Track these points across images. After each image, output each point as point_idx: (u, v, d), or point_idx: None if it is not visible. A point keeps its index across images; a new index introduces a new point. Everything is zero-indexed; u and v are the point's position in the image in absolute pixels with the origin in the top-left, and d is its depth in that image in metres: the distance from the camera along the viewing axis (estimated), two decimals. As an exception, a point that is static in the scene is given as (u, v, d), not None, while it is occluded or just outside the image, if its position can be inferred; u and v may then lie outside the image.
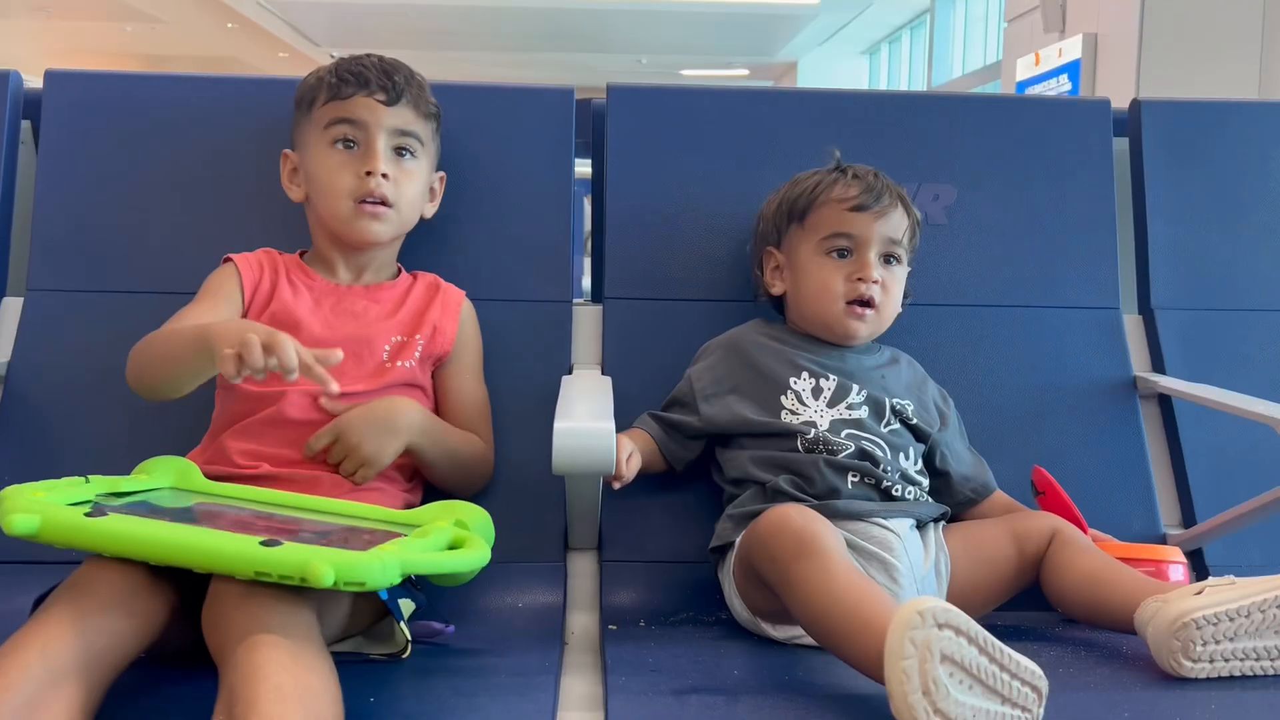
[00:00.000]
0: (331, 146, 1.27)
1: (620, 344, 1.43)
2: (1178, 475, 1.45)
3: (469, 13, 11.52)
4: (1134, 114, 1.59)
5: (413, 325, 1.30)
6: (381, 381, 1.24)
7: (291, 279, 1.29)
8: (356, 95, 1.26)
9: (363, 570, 0.88)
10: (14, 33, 12.75)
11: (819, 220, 1.30)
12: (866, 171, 1.33)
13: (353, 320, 1.27)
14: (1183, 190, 1.57)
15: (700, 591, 1.27)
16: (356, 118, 1.26)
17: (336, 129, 1.27)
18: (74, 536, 0.94)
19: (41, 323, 1.40)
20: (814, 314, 1.30)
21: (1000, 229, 1.51)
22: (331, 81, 1.27)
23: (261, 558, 0.88)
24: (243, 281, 1.26)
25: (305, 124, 1.29)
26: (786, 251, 1.33)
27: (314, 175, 1.28)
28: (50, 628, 0.88)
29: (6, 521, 0.91)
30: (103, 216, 1.43)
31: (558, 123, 1.50)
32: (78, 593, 0.92)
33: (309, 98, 1.29)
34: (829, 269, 1.29)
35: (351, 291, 1.30)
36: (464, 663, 1.10)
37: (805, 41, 13.37)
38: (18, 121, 1.49)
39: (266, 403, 1.20)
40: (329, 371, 1.03)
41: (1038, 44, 6.67)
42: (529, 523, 1.33)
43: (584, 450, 1.04)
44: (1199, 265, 1.55)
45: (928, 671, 0.86)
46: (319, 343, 1.17)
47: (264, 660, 0.84)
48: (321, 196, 1.28)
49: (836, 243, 1.29)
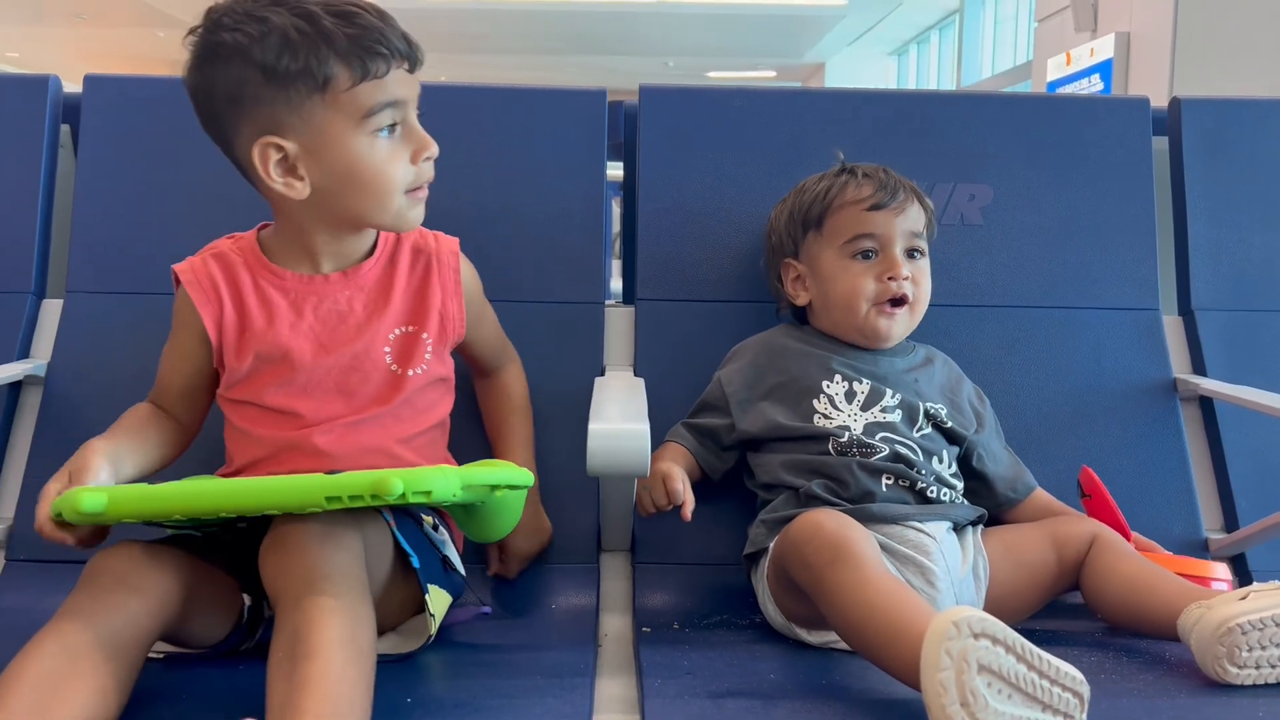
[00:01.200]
0: (375, 135, 1.07)
1: (653, 345, 1.43)
2: (1219, 479, 1.43)
3: (495, 16, 11.57)
4: (1173, 113, 1.57)
5: (413, 313, 1.17)
6: (397, 397, 1.14)
7: (258, 284, 1.14)
8: (391, 70, 1.06)
9: (429, 480, 0.90)
10: (49, 39, 12.94)
11: (838, 224, 1.28)
12: (875, 169, 1.31)
13: (342, 327, 1.14)
14: (1223, 190, 1.55)
15: (734, 595, 1.27)
16: (398, 97, 1.07)
17: (382, 115, 1.06)
18: (142, 505, 0.94)
19: (81, 324, 1.41)
20: (845, 319, 1.29)
21: (1038, 229, 1.50)
22: (351, 55, 1.03)
23: (330, 483, 0.89)
24: (203, 319, 1.13)
25: (316, 106, 1.04)
26: (806, 260, 1.31)
27: (356, 171, 1.07)
28: (64, 614, 0.92)
29: (77, 500, 0.91)
30: (141, 219, 1.45)
31: (590, 124, 1.50)
32: (87, 580, 0.95)
33: (315, 73, 1.02)
34: (856, 272, 1.27)
35: (329, 283, 1.14)
36: (499, 663, 1.10)
37: (833, 43, 13.32)
38: (57, 126, 1.51)
39: (288, 444, 1.13)
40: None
41: (1069, 43, 6.61)
42: (562, 524, 1.33)
43: (619, 452, 1.04)
44: (1240, 266, 1.53)
45: (965, 683, 0.85)
46: (312, 373, 1.12)
47: (323, 608, 0.87)
48: (367, 194, 1.08)
49: (860, 244, 1.27)
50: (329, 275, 1.15)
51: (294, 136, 1.05)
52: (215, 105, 1.07)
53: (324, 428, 1.12)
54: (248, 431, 1.14)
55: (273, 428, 1.13)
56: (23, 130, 1.48)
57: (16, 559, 1.31)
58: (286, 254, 1.15)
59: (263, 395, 1.13)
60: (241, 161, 1.09)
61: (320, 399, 1.13)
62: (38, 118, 1.48)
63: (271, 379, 1.13)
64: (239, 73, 1.03)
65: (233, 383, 1.14)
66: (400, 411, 1.16)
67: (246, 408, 1.15)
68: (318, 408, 1.13)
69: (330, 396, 1.13)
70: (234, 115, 1.06)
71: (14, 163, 1.47)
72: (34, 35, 12.97)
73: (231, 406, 1.16)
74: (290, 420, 1.13)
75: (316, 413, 1.13)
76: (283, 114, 1.04)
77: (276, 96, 1.03)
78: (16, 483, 1.35)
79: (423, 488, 0.89)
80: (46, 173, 1.48)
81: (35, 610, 1.22)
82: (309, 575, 0.90)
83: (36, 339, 1.43)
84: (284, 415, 1.13)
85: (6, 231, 1.46)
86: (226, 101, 1.05)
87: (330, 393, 1.13)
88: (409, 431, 1.16)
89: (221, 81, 1.05)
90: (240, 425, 1.15)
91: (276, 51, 1.02)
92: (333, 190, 1.08)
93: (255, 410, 1.14)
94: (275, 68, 1.02)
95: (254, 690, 0.87)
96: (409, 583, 1.06)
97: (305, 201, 1.08)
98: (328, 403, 1.13)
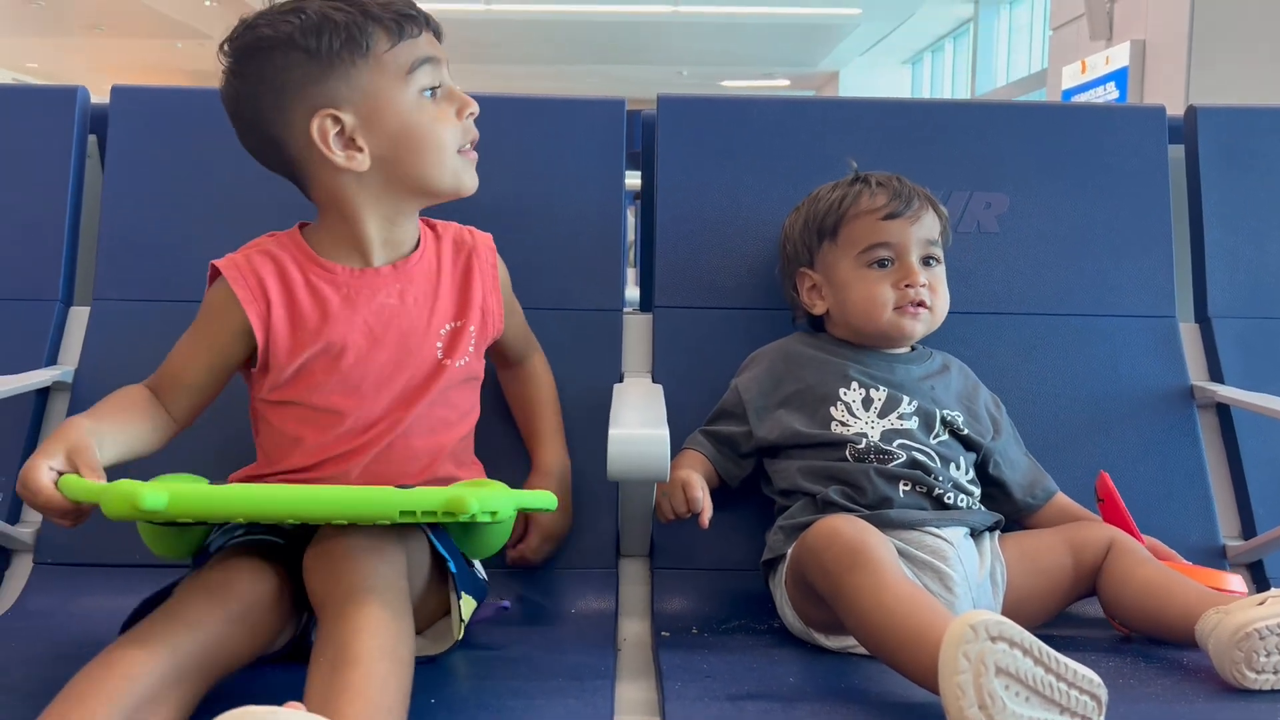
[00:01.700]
0: (420, 95, 1.11)
1: (671, 352, 1.44)
2: (1237, 486, 1.43)
3: (511, 26, 11.63)
4: (1189, 121, 1.58)
5: (461, 307, 1.19)
6: (436, 386, 1.15)
7: (309, 279, 1.13)
8: (422, 33, 1.11)
9: (497, 500, 0.94)
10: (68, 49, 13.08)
11: (853, 234, 1.28)
12: (888, 178, 1.31)
13: (395, 321, 1.14)
14: (1240, 198, 1.55)
15: (752, 600, 1.28)
16: (433, 55, 1.12)
17: (422, 74, 1.11)
18: (207, 506, 0.93)
19: (107, 331, 1.43)
20: (864, 325, 1.29)
21: (1054, 237, 1.50)
22: (386, 19, 1.09)
23: (405, 498, 0.91)
24: (249, 316, 1.11)
25: (362, 71, 1.08)
26: (822, 270, 1.32)
27: (410, 130, 1.10)
28: (176, 625, 0.91)
29: (138, 498, 0.88)
30: (167, 227, 1.47)
31: (609, 133, 1.51)
32: (207, 596, 0.95)
33: (359, 40, 1.07)
34: (872, 280, 1.27)
35: (380, 276, 1.15)
36: (520, 665, 1.11)
37: (846, 51, 13.34)
38: (85, 136, 1.53)
39: (334, 456, 1.12)
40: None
41: (1084, 51, 6.61)
42: (581, 529, 1.34)
43: (639, 457, 1.05)
44: (1257, 273, 1.53)
45: (983, 686, 0.85)
46: (364, 367, 1.12)
47: (368, 617, 0.89)
48: (424, 153, 1.11)
49: (877, 254, 1.28)
50: (379, 269, 1.15)
51: (348, 107, 1.08)
52: (261, 102, 1.09)
53: (371, 434, 1.12)
54: (293, 435, 1.13)
55: (317, 431, 1.12)
56: (51, 141, 1.50)
57: (45, 562, 1.33)
58: (336, 248, 1.15)
59: (309, 394, 1.12)
60: (297, 152, 1.10)
61: (366, 394, 1.12)
62: (66, 128, 1.50)
63: (320, 377, 1.12)
64: (283, 59, 1.06)
65: (277, 384, 1.13)
66: (436, 410, 1.15)
67: (290, 409, 1.13)
68: (362, 405, 1.12)
69: (376, 391, 1.13)
70: (283, 104, 1.08)
71: (43, 172, 1.49)
72: (53, 45, 13.11)
73: (272, 409, 1.14)
74: (334, 419, 1.12)
75: (361, 411, 1.12)
76: (333, 88, 1.07)
77: (325, 73, 1.07)
78: (44, 487, 1.37)
79: (490, 508, 0.93)
80: (74, 182, 1.50)
81: (63, 613, 1.25)
82: (355, 586, 0.91)
83: (64, 346, 1.45)
84: (330, 414, 1.12)
85: (35, 240, 1.48)
86: (274, 93, 1.08)
87: (376, 387, 1.13)
88: (447, 439, 1.17)
89: (267, 74, 1.07)
90: (282, 427, 1.13)
91: (318, 32, 1.06)
92: (391, 157, 1.10)
93: (300, 410, 1.12)
94: (319, 47, 1.06)
95: (281, 687, 0.88)
96: (440, 588, 1.08)
97: (366, 176, 1.10)
98: (372, 399, 1.13)
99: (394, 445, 1.13)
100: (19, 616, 1.26)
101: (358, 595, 0.91)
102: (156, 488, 0.90)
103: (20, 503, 1.37)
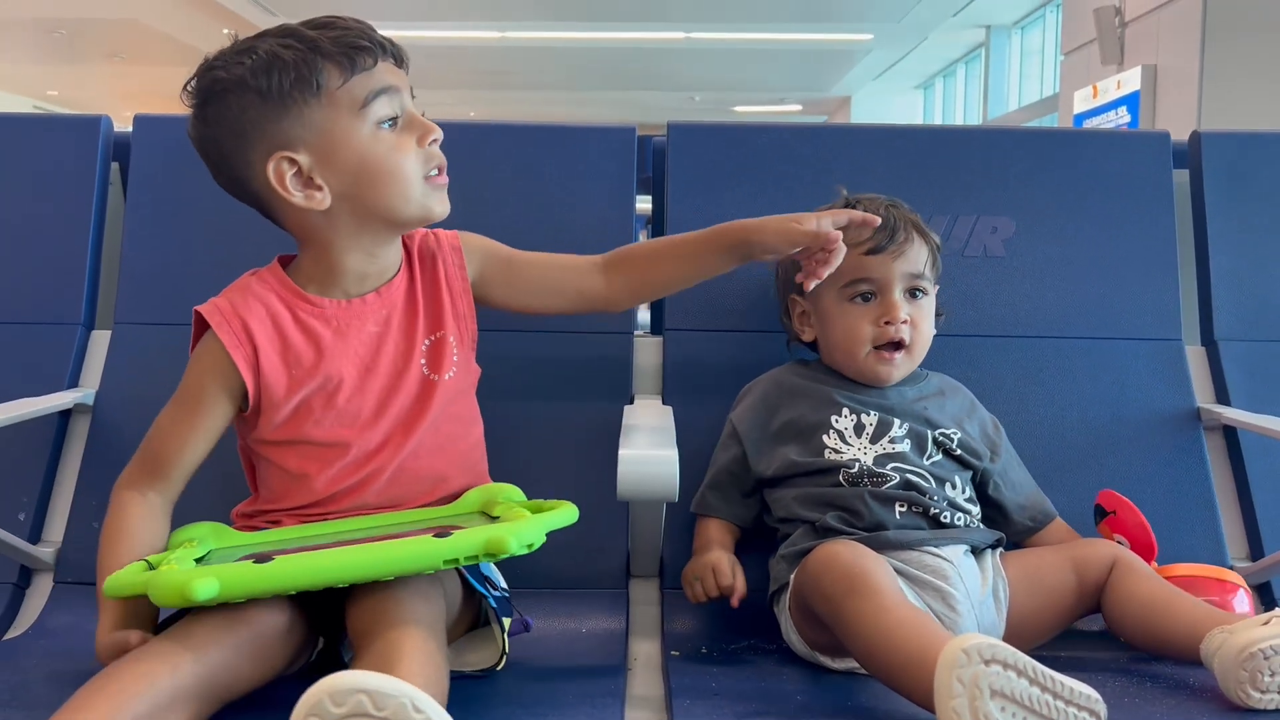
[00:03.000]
0: (377, 128, 1.09)
1: (681, 375, 1.46)
2: (1244, 507, 1.43)
3: (525, 54, 11.75)
4: (1194, 146, 1.60)
5: (436, 319, 1.18)
6: (433, 405, 1.14)
7: (298, 317, 1.13)
8: (377, 63, 1.09)
9: (531, 533, 0.97)
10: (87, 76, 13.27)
11: (840, 267, 1.25)
12: (877, 203, 1.30)
13: (383, 347, 1.15)
14: (1245, 222, 1.56)
15: (759, 622, 1.28)
16: (390, 84, 1.09)
17: (378, 106, 1.09)
18: (256, 585, 0.93)
19: (128, 354, 1.46)
20: (844, 360, 1.30)
21: (1060, 261, 1.52)
22: (336, 54, 1.07)
23: (445, 547, 0.94)
24: (236, 364, 1.10)
25: (315, 110, 1.07)
26: (810, 298, 1.31)
27: (369, 164, 1.09)
28: (174, 654, 0.91)
29: (191, 590, 0.89)
30: (187, 253, 1.50)
31: (620, 159, 1.54)
32: (217, 621, 0.95)
33: (309, 79, 1.06)
34: (854, 315, 1.28)
35: (366, 304, 1.15)
36: (532, 685, 1.12)
37: (859, 76, 13.42)
38: (108, 163, 1.56)
39: (343, 490, 1.13)
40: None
41: (1095, 76, 6.64)
42: (592, 550, 1.35)
43: (648, 477, 1.07)
44: (1263, 297, 1.54)
45: (979, 708, 0.87)
46: (358, 397, 1.12)
47: (410, 642, 0.91)
48: (385, 185, 1.10)
49: (858, 288, 1.27)
50: (365, 297, 1.15)
51: (303, 147, 1.08)
52: (223, 145, 1.10)
53: (377, 461, 1.13)
54: (298, 472, 1.12)
55: (323, 465, 1.12)
56: (75, 168, 1.54)
57: (65, 581, 1.35)
58: (320, 281, 1.15)
59: (311, 430, 1.12)
60: (260, 191, 1.10)
61: (365, 423, 1.13)
62: (89, 156, 1.54)
63: (319, 413, 1.12)
64: (238, 102, 1.07)
65: (275, 423, 1.12)
66: (440, 428, 1.15)
67: (292, 446, 1.12)
68: (363, 435, 1.13)
69: (375, 419, 1.13)
70: (243, 147, 1.08)
71: (66, 199, 1.53)
72: (72, 73, 13.31)
73: (271, 448, 1.14)
74: (338, 452, 1.12)
75: (363, 441, 1.13)
76: (287, 128, 1.07)
77: (278, 114, 1.06)
78: (66, 507, 1.40)
79: (527, 540, 0.96)
80: (97, 209, 1.54)
81: (82, 632, 1.27)
82: (398, 619, 0.93)
83: (85, 369, 1.48)
84: (333, 448, 1.12)
85: (58, 265, 1.51)
86: (233, 136, 1.08)
87: (374, 415, 1.13)
88: (454, 453, 1.18)
89: (225, 117, 1.08)
90: (285, 465, 1.13)
91: (268, 72, 1.05)
92: (352, 192, 1.09)
93: (303, 447, 1.12)
94: (270, 87, 1.05)
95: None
96: (468, 603, 1.11)
97: (331, 213, 1.10)
98: (372, 427, 1.13)
99: (403, 468, 1.14)
100: (40, 635, 1.28)
101: (400, 625, 0.93)
102: (205, 576, 0.91)
103: (42, 521, 1.40)
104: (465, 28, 10.69)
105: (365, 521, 1.11)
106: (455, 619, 1.09)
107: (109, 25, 10.81)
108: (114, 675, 0.88)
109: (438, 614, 0.98)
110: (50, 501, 1.41)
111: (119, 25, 10.77)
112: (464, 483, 1.18)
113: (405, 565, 0.94)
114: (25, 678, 1.12)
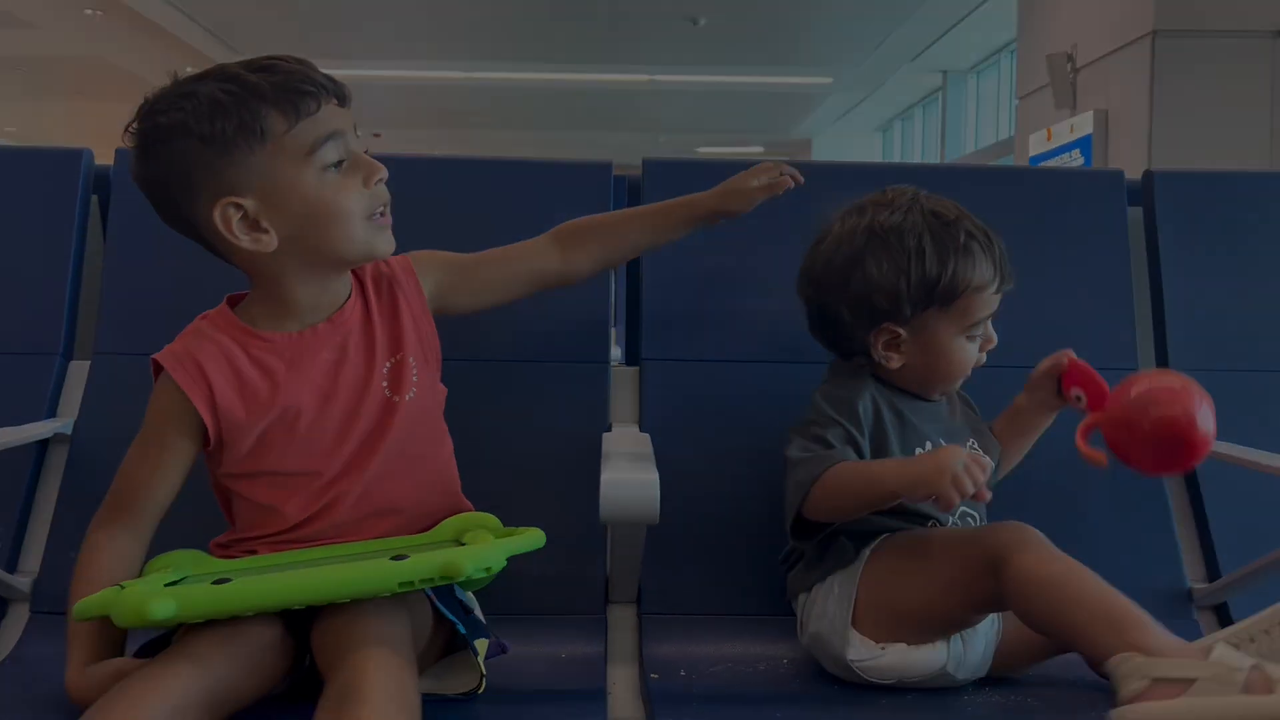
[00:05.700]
0: (324, 172, 1.09)
1: (658, 403, 1.49)
2: (1200, 529, 1.49)
3: (493, 93, 11.84)
4: (1146, 184, 1.66)
5: (395, 341, 1.19)
6: (394, 424, 1.15)
7: (251, 354, 1.13)
8: (322, 106, 1.09)
9: (487, 557, 0.98)
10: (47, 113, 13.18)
11: (967, 307, 1.25)
12: (982, 233, 1.27)
13: (341, 373, 1.15)
14: (1197, 256, 1.63)
15: (739, 642, 1.31)
16: (336, 128, 1.10)
17: (326, 151, 1.09)
18: (213, 607, 0.95)
19: (107, 385, 1.47)
20: (948, 383, 1.31)
21: (1017, 295, 1.53)
22: (280, 100, 1.06)
23: (403, 570, 0.95)
24: (194, 404, 1.11)
25: (260, 157, 1.07)
26: (916, 328, 1.26)
27: (315, 208, 1.09)
28: (178, 666, 0.93)
29: (147, 610, 0.92)
30: (166, 285, 1.50)
31: (596, 195, 1.57)
32: (215, 635, 0.97)
33: (251, 126, 1.05)
34: (970, 350, 1.28)
35: (317, 334, 1.15)
36: (513, 708, 1.14)
37: (820, 119, 13.64)
38: (89, 196, 1.58)
39: (313, 515, 1.14)
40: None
41: (1049, 120, 6.81)
42: (570, 576, 1.37)
43: (631, 500, 1.09)
44: (1216, 327, 1.60)
45: None
46: (319, 423, 1.13)
47: (375, 664, 0.91)
48: (331, 227, 1.10)
49: (980, 327, 1.28)
50: (317, 327, 1.16)
51: (248, 193, 1.08)
52: (170, 190, 1.10)
53: (343, 485, 1.14)
54: (266, 503, 1.14)
55: (290, 493, 1.13)
56: (56, 201, 1.55)
57: (41, 611, 1.34)
58: (270, 318, 1.15)
59: (276, 461, 1.13)
60: (207, 235, 1.11)
61: (328, 449, 1.14)
62: (70, 189, 1.55)
63: (281, 444, 1.13)
64: (181, 146, 1.06)
65: (239, 456, 1.13)
66: (405, 449, 1.16)
67: (259, 478, 1.14)
68: (327, 460, 1.14)
69: (337, 444, 1.14)
70: (188, 191, 1.08)
71: (47, 231, 1.54)
72: (32, 110, 13.20)
73: (240, 481, 1.15)
74: (304, 480, 1.13)
75: (327, 467, 1.14)
76: (232, 175, 1.07)
77: (221, 160, 1.06)
78: (43, 536, 1.40)
79: (484, 564, 0.97)
80: (77, 241, 1.55)
81: (58, 661, 1.25)
82: (361, 640, 0.94)
83: (64, 399, 1.48)
84: (298, 476, 1.14)
85: (38, 296, 1.52)
86: (178, 181, 1.08)
87: (337, 440, 1.14)
88: (422, 474, 1.19)
89: (168, 163, 1.08)
90: (254, 497, 1.14)
91: (210, 118, 1.05)
92: (298, 234, 1.10)
93: (270, 478, 1.14)
94: (213, 133, 1.05)
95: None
96: (440, 629, 1.11)
97: (278, 254, 1.10)
98: (335, 452, 1.14)
99: (370, 490, 1.15)
100: (15, 664, 1.27)
101: (364, 646, 0.93)
102: (163, 596, 0.93)
103: (19, 550, 1.40)
104: (433, 68, 10.77)
105: (336, 549, 1.13)
106: (426, 644, 1.09)
107: (72, 63, 10.77)
108: (125, 691, 0.90)
109: (402, 634, 0.99)
110: (27, 531, 1.41)
111: (83, 63, 10.73)
112: (436, 503, 1.19)
113: (360, 587, 0.96)
114: (1, 707, 1.12)
